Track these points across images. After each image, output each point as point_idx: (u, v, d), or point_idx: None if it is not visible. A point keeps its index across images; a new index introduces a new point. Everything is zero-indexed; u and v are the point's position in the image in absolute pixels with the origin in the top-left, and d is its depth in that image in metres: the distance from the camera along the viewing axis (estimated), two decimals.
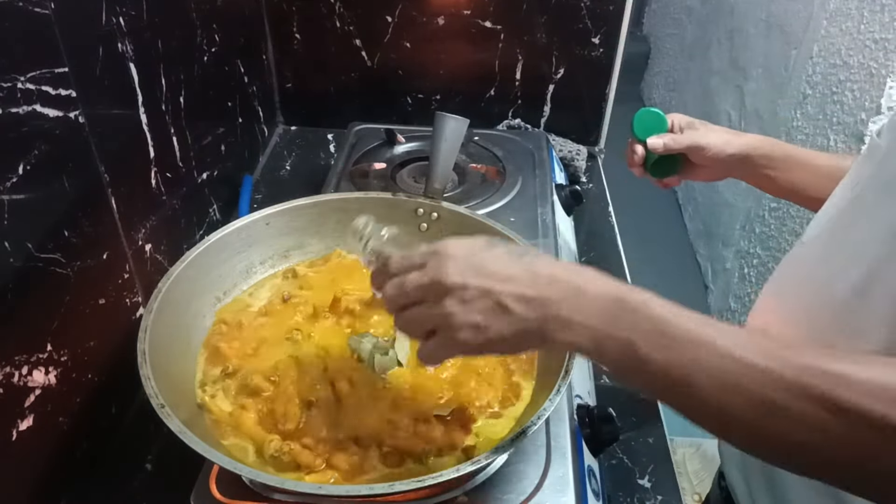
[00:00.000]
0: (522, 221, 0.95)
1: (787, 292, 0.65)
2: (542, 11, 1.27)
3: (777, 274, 0.68)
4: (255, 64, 1.27)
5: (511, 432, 0.62)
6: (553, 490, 0.61)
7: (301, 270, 0.81)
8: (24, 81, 0.59)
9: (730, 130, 0.82)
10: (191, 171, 0.98)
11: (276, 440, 0.61)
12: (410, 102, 1.39)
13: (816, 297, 0.59)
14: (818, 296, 0.59)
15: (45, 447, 0.67)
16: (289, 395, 0.65)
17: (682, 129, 0.84)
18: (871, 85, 1.47)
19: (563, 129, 1.37)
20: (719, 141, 0.80)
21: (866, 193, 0.58)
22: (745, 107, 2.20)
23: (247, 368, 0.67)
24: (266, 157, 1.34)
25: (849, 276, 0.55)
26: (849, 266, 0.55)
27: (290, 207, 0.81)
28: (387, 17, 1.29)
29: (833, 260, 0.59)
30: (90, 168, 0.72)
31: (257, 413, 0.64)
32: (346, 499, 0.58)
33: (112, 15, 0.74)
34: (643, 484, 0.78)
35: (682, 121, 0.84)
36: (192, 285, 0.71)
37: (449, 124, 0.81)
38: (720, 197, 2.32)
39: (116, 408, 0.80)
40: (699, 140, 0.81)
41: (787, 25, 1.91)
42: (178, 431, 0.53)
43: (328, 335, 0.72)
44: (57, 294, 0.67)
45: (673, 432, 0.86)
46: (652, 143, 0.83)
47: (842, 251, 0.58)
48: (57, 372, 0.67)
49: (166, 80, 0.88)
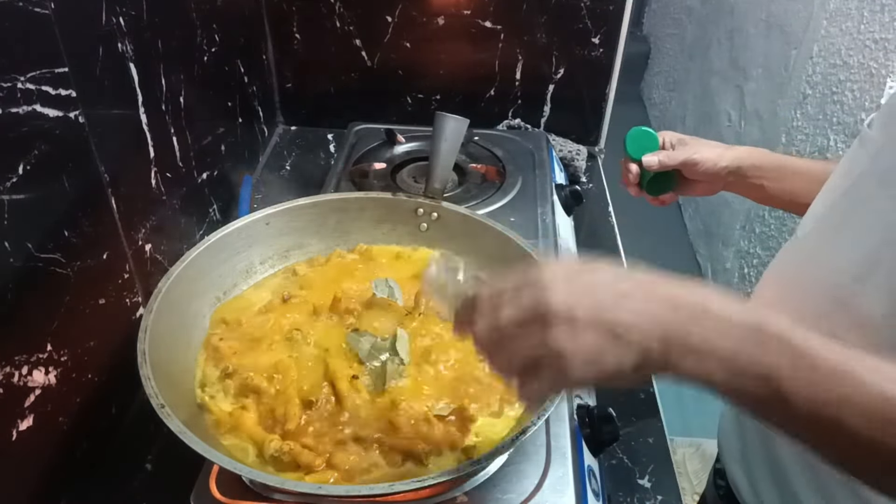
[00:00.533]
0: (522, 221, 0.95)
1: (787, 280, 0.66)
2: (542, 11, 1.27)
3: (777, 262, 0.69)
4: (255, 64, 1.27)
5: (511, 432, 0.62)
6: (553, 490, 0.61)
7: (301, 270, 0.81)
8: (24, 81, 0.59)
9: (721, 144, 0.83)
10: (191, 171, 0.98)
11: (276, 440, 0.61)
12: (410, 102, 1.39)
13: (816, 285, 0.60)
14: (818, 284, 0.60)
15: (45, 447, 0.67)
16: (289, 395, 0.65)
17: (673, 146, 0.84)
18: (871, 85, 1.48)
19: (563, 129, 1.37)
20: (712, 155, 0.81)
21: (861, 186, 0.58)
22: (745, 107, 2.20)
23: (247, 368, 0.67)
24: (266, 157, 1.34)
25: (848, 265, 0.55)
26: (847, 255, 0.56)
27: (290, 207, 0.81)
28: (387, 17, 1.29)
29: (831, 249, 0.59)
30: (90, 168, 0.72)
31: (257, 413, 0.64)
32: (346, 499, 0.58)
33: (112, 15, 0.74)
34: (643, 484, 0.78)
35: (672, 137, 0.85)
36: (192, 285, 0.71)
37: (449, 124, 0.81)
38: (720, 197, 2.31)
39: (116, 408, 0.80)
40: (692, 155, 0.81)
41: (787, 25, 1.91)
42: (178, 431, 0.53)
43: (328, 335, 0.72)
44: (57, 294, 0.67)
45: (673, 432, 0.86)
46: (647, 160, 0.83)
47: (839, 241, 0.59)
48: (57, 372, 0.67)
49: (166, 80, 0.88)
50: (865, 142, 0.60)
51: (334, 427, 0.62)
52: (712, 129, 2.44)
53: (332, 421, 0.63)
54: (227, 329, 0.73)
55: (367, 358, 0.67)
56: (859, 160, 0.60)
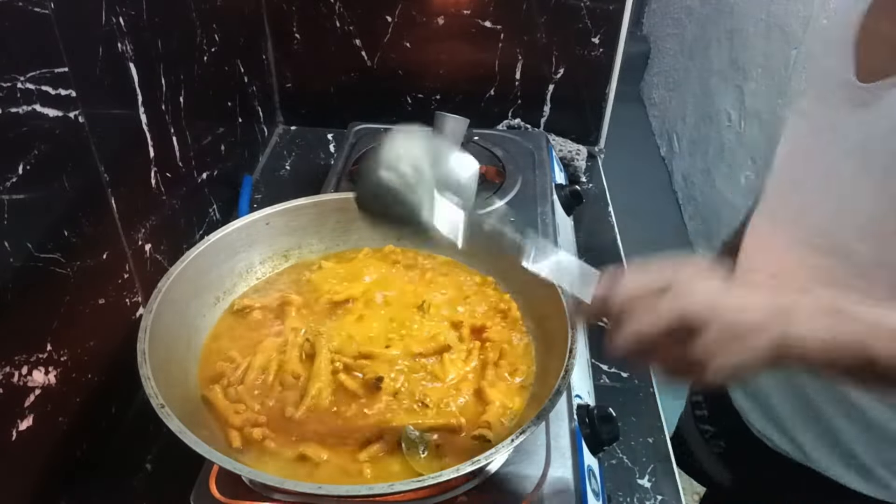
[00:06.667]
0: (522, 221, 0.95)
1: (775, 244, 0.73)
2: (542, 11, 1.27)
3: (755, 232, 0.77)
4: (255, 64, 1.27)
5: (511, 432, 0.62)
6: (553, 490, 0.61)
7: (302, 269, 0.81)
8: (24, 81, 0.59)
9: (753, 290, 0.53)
10: (191, 171, 0.98)
11: (278, 437, 0.61)
12: (410, 102, 1.39)
13: (810, 243, 0.68)
14: (812, 241, 0.68)
15: (45, 447, 0.67)
16: (291, 392, 0.65)
17: None
18: None
19: (562, 129, 1.37)
20: None
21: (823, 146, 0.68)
22: (745, 107, 2.20)
23: (247, 368, 0.67)
24: (266, 157, 1.34)
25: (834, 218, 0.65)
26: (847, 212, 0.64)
27: (290, 207, 0.81)
28: (387, 17, 1.29)
29: (816, 208, 0.68)
30: (90, 168, 0.72)
31: (258, 412, 0.64)
32: (346, 499, 0.58)
33: (112, 15, 0.74)
34: (643, 484, 0.78)
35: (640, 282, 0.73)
36: (192, 285, 0.71)
37: (449, 124, 0.81)
38: (720, 196, 2.32)
39: (116, 408, 0.80)
40: None
41: (787, 25, 1.91)
42: (178, 431, 0.53)
43: (329, 333, 0.72)
44: (57, 294, 0.67)
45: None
46: None
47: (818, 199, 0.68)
48: (57, 372, 0.67)
49: (166, 80, 0.88)
50: (803, 113, 0.71)
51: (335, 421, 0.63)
52: (712, 129, 2.44)
53: (333, 416, 0.63)
54: (227, 328, 0.73)
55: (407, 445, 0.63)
56: (800, 129, 0.71)
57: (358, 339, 0.71)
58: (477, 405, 0.66)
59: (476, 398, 0.67)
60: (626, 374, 0.91)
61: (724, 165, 2.31)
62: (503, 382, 0.68)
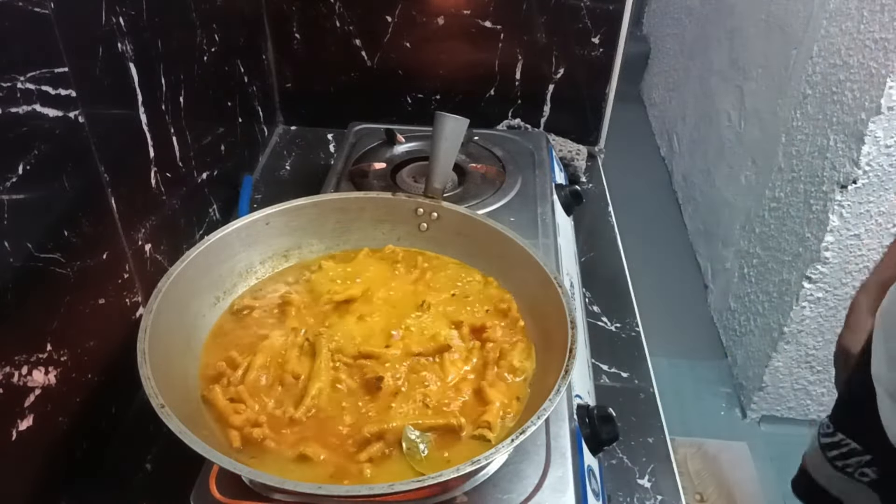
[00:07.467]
0: (522, 221, 0.95)
1: None
2: (542, 11, 1.27)
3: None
4: (255, 64, 1.27)
5: (511, 432, 0.62)
6: (553, 490, 0.61)
7: (302, 269, 0.81)
8: (24, 81, 0.59)
9: None
10: (191, 171, 0.98)
11: (277, 437, 0.61)
12: (410, 102, 1.39)
13: None
14: None
15: (45, 447, 0.67)
16: (291, 392, 0.65)
17: None
18: (871, 85, 1.47)
19: (562, 128, 1.37)
20: None
21: None
22: (745, 107, 2.20)
23: (247, 368, 0.67)
24: (266, 157, 1.34)
25: None
26: None
27: (290, 207, 0.81)
28: (387, 17, 1.29)
29: None
30: (90, 168, 0.72)
31: (258, 412, 0.64)
32: (346, 499, 0.58)
33: (112, 15, 0.74)
34: (643, 484, 0.78)
35: None
36: (192, 285, 0.71)
37: (449, 124, 0.81)
38: (720, 196, 2.32)
39: (116, 408, 0.80)
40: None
41: (787, 25, 1.91)
42: (178, 431, 0.53)
43: (329, 333, 0.72)
44: (57, 294, 0.67)
45: (673, 432, 0.86)
46: None
47: None
48: (57, 372, 0.67)
49: (166, 80, 0.88)
50: None
51: (336, 421, 0.63)
52: (712, 128, 2.44)
53: (333, 415, 0.63)
54: (227, 328, 0.73)
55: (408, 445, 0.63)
56: None
57: (358, 339, 0.71)
58: (477, 405, 0.66)
59: (476, 398, 0.67)
60: (626, 374, 0.91)
61: (724, 165, 2.31)
62: (503, 382, 0.68)
